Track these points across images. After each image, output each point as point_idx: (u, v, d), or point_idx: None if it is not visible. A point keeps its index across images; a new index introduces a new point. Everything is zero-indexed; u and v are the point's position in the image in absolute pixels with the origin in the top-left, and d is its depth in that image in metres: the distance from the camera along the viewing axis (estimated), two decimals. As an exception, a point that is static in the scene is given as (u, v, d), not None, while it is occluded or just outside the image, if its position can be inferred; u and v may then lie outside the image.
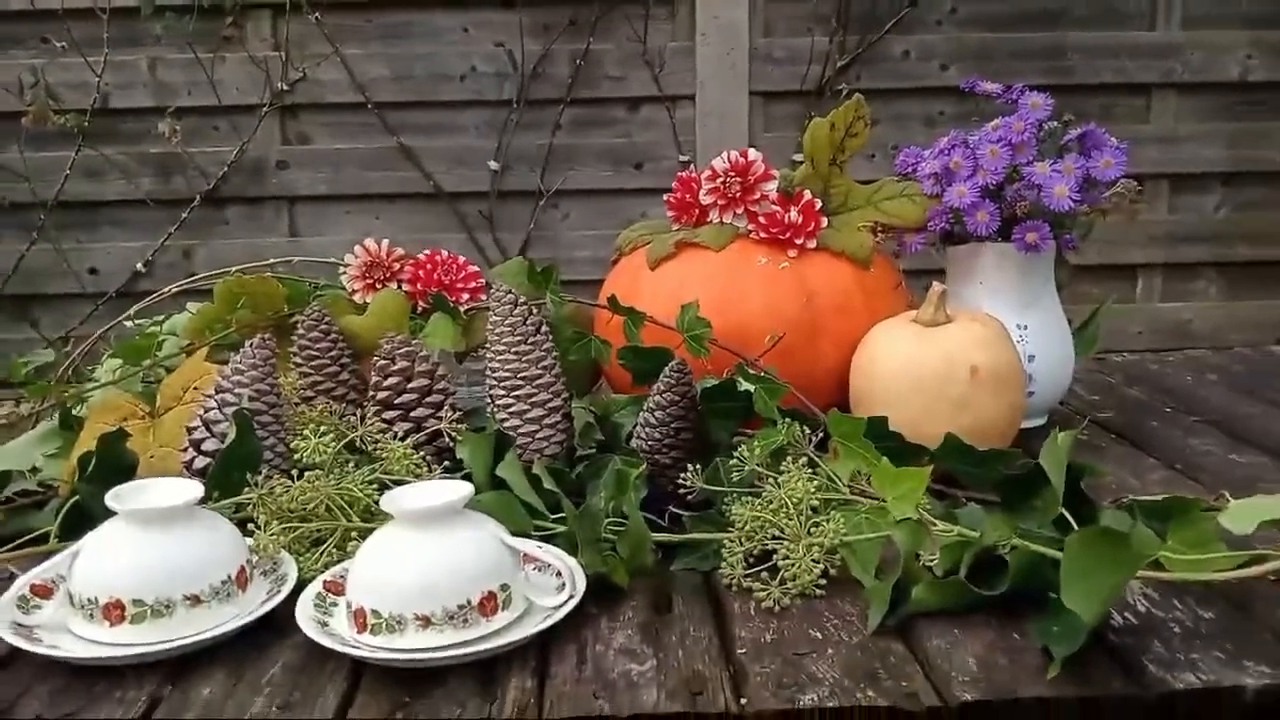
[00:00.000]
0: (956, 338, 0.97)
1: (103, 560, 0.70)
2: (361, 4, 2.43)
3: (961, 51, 2.45)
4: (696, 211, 1.15)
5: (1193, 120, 2.50)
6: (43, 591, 0.75)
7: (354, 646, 0.67)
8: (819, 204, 1.11)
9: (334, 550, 0.80)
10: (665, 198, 1.17)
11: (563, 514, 0.82)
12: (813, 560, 0.76)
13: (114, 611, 0.68)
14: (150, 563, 0.69)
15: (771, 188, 1.11)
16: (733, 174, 1.11)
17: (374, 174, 2.49)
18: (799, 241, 1.10)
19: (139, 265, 2.50)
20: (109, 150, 2.47)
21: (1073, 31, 2.45)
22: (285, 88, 2.44)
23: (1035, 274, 1.12)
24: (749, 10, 2.41)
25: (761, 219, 1.10)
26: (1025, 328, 1.11)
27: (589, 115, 2.49)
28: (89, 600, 0.69)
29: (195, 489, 0.73)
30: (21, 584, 0.74)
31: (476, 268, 1.15)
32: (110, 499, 0.71)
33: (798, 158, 1.68)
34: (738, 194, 1.11)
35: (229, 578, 0.71)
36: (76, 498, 0.84)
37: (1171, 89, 2.49)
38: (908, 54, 2.46)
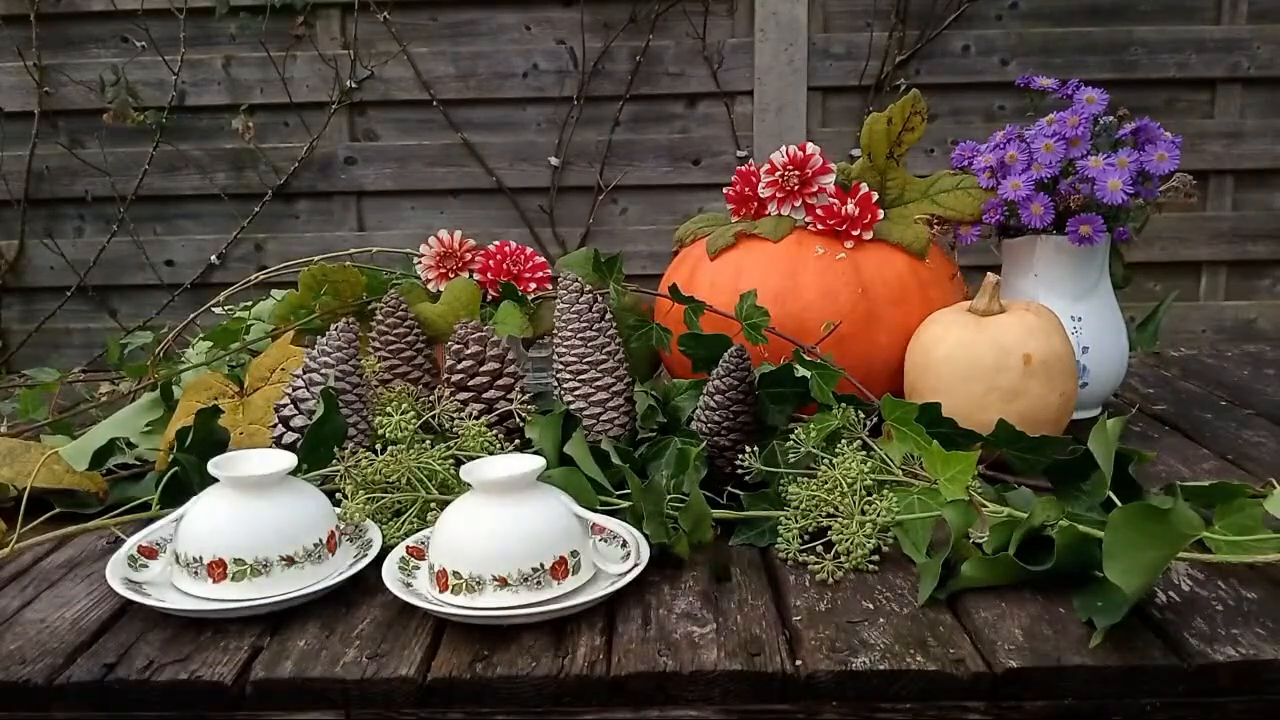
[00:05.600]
0: (1010, 327, 0.99)
1: (206, 523, 0.76)
2: (427, 3, 2.49)
3: (1023, 46, 2.45)
4: (755, 204, 1.18)
5: (1258, 115, 2.47)
6: (149, 552, 0.81)
7: (436, 604, 0.72)
8: (875, 196, 1.14)
9: (414, 520, 0.85)
10: (725, 190, 1.21)
11: (626, 491, 0.86)
12: (865, 536, 0.79)
13: (217, 570, 0.74)
14: (249, 526, 0.75)
15: (829, 181, 1.15)
16: (791, 167, 1.14)
17: (438, 170, 2.56)
18: (855, 233, 1.13)
19: (213, 257, 2.60)
20: (185, 146, 2.56)
21: (1136, 26, 2.44)
22: (354, 85, 2.52)
23: (1089, 266, 1.14)
24: (808, 6, 2.44)
25: (819, 211, 1.14)
26: (1079, 319, 1.13)
27: (648, 111, 2.54)
28: (194, 559, 0.75)
29: (289, 459, 0.79)
30: (130, 545, 0.81)
31: (543, 259, 1.20)
32: (212, 467, 0.77)
33: (855, 152, 1.71)
34: (796, 187, 1.14)
35: (320, 541, 0.77)
36: (175, 469, 0.90)
37: (1237, 83, 2.46)
38: (967, 49, 2.46)
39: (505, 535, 0.72)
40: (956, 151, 1.19)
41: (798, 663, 0.66)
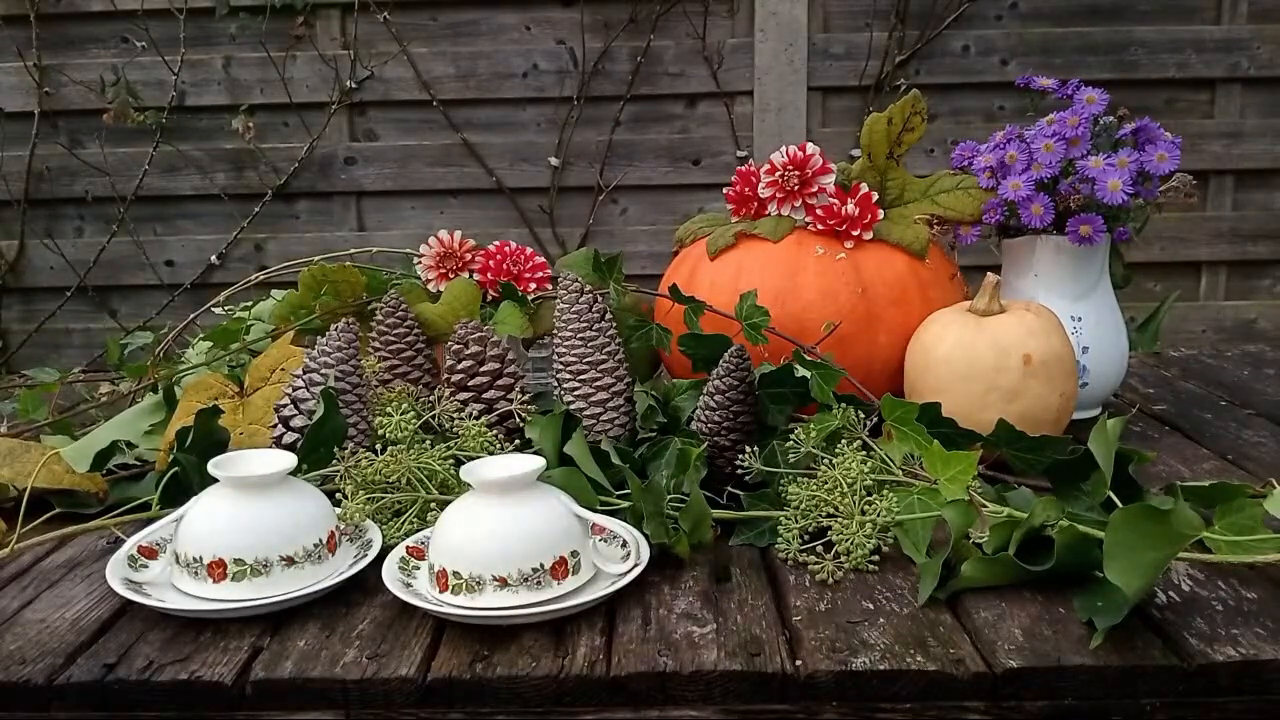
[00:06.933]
0: (1010, 327, 0.99)
1: (206, 523, 0.76)
2: (427, 3, 2.50)
3: (1023, 46, 2.45)
4: (755, 204, 1.18)
5: (1258, 115, 2.47)
6: (149, 553, 0.81)
7: (436, 605, 0.72)
8: (875, 196, 1.14)
9: (414, 520, 0.85)
10: (725, 191, 1.21)
11: (626, 491, 0.86)
12: (865, 536, 0.79)
13: (216, 570, 0.74)
14: (249, 526, 0.75)
15: (829, 181, 1.15)
16: (791, 168, 1.14)
17: (438, 170, 2.56)
18: (855, 233, 1.13)
19: (213, 258, 2.60)
20: (185, 146, 2.57)
21: (1136, 26, 2.44)
22: (354, 85, 2.52)
23: (1089, 266, 1.14)
24: (808, 6, 2.44)
25: (819, 211, 1.14)
26: (1079, 319, 1.13)
27: (648, 111, 2.54)
28: (194, 559, 0.75)
29: (289, 459, 0.79)
30: (130, 545, 0.81)
31: (543, 259, 1.20)
32: (212, 467, 0.77)
33: (855, 153, 1.71)
34: (796, 187, 1.14)
35: (320, 541, 0.77)
36: (175, 469, 0.90)
37: (1236, 83, 2.46)
38: (967, 49, 2.46)
39: (505, 535, 0.72)
40: (956, 151, 1.19)
41: (798, 663, 0.66)
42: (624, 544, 0.80)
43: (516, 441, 0.97)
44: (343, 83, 2.52)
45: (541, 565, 0.72)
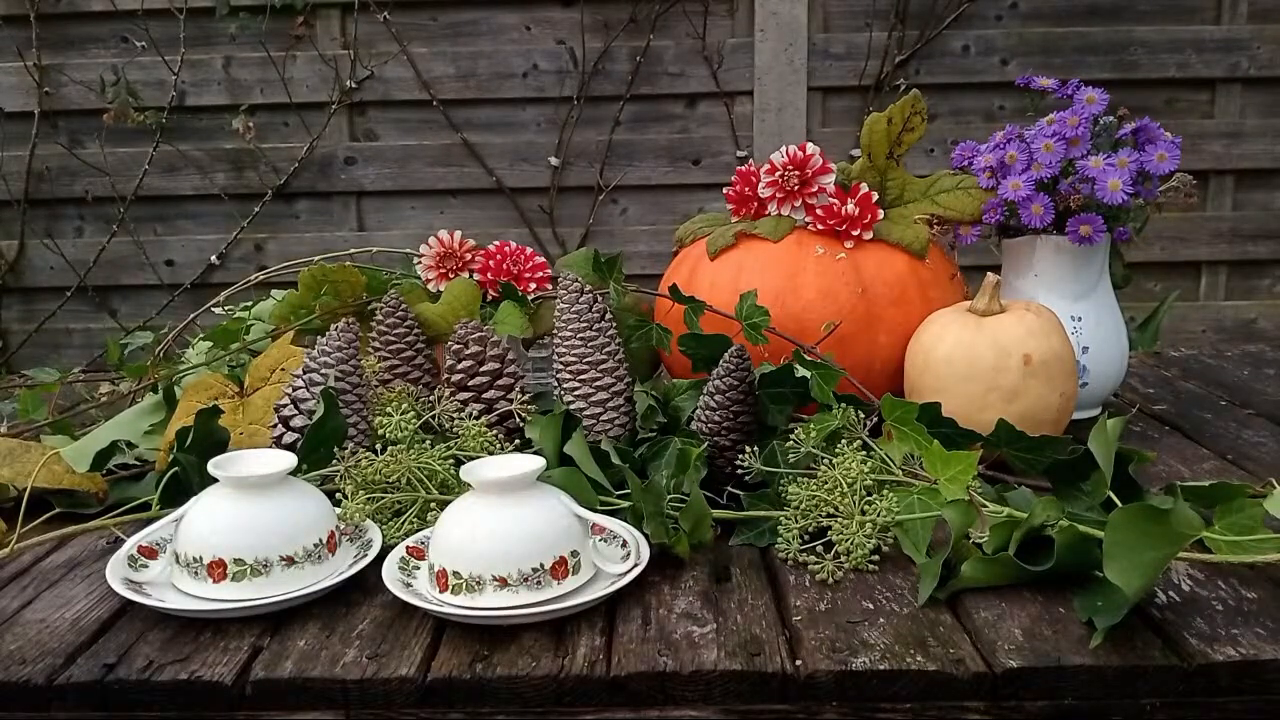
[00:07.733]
0: (1010, 327, 0.99)
1: (206, 523, 0.76)
2: (427, 3, 2.50)
3: (1022, 46, 2.45)
4: (755, 204, 1.18)
5: (1258, 115, 2.47)
6: (149, 552, 0.81)
7: (436, 605, 0.72)
8: (875, 196, 1.14)
9: (414, 520, 0.85)
10: (725, 191, 1.21)
11: (626, 491, 0.86)
12: (865, 536, 0.79)
13: (216, 570, 0.74)
14: (249, 526, 0.75)
15: (829, 181, 1.14)
16: (791, 167, 1.14)
17: (438, 170, 2.56)
18: (855, 233, 1.13)
19: (213, 258, 2.60)
20: (185, 146, 2.57)
21: (1136, 26, 2.44)
22: (354, 85, 2.52)
23: (1089, 266, 1.14)
24: (808, 6, 2.44)
25: (819, 211, 1.14)
26: (1079, 319, 1.13)
27: (648, 111, 2.54)
28: (194, 559, 0.75)
29: (289, 459, 0.79)
30: (130, 545, 0.81)
31: (543, 259, 1.20)
32: (212, 467, 0.77)
33: (855, 153, 1.71)
34: (796, 187, 1.14)
35: (320, 541, 0.77)
36: (175, 469, 0.90)
37: (1237, 83, 2.46)
38: (967, 49, 2.46)
39: (505, 535, 0.72)
40: (956, 151, 1.19)
41: (798, 663, 0.66)
42: (624, 544, 0.80)
43: (516, 441, 0.97)
44: (343, 83, 2.52)
45: (541, 565, 0.72)
